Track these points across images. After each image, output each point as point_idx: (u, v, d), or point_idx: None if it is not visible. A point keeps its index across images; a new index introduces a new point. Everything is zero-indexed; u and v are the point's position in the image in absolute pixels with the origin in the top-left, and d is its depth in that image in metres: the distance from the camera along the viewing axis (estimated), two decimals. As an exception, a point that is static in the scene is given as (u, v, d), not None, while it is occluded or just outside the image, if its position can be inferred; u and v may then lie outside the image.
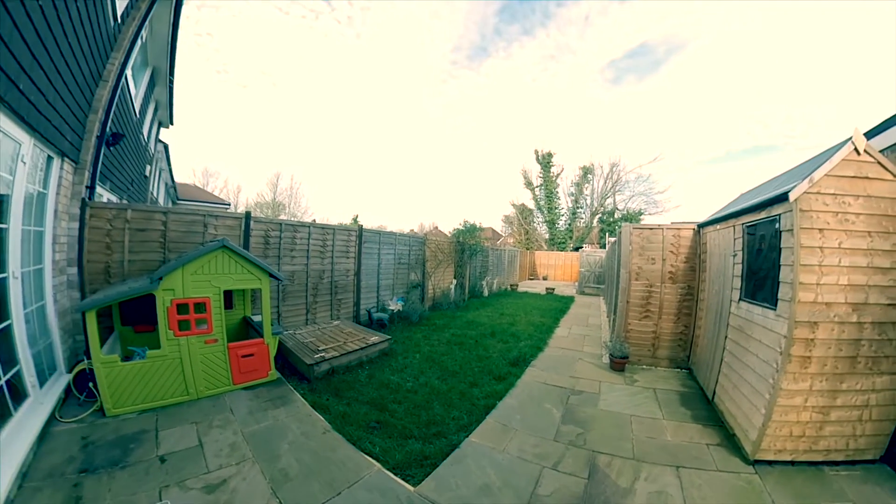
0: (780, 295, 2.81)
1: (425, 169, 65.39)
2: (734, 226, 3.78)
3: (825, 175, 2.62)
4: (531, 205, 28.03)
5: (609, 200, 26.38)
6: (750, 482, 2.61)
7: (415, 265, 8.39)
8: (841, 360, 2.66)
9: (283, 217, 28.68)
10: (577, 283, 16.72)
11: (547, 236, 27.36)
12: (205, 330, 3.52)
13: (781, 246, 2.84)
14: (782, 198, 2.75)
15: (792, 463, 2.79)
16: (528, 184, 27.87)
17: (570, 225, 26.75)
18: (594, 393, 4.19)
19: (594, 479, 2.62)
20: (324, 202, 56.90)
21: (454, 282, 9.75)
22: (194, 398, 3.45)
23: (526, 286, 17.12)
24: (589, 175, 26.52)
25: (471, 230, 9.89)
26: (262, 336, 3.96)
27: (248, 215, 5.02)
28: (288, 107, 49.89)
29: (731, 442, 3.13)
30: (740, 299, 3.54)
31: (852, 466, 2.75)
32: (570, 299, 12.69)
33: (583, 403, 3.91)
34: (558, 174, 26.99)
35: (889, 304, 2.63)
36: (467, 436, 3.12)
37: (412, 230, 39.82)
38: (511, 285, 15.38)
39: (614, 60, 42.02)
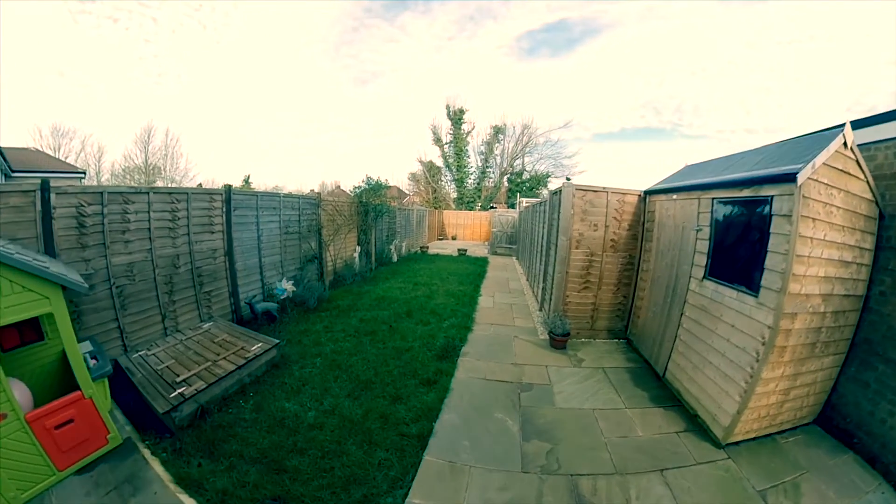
0: (764, 283, 2.79)
1: (328, 124, 60.27)
2: (700, 198, 3.75)
3: (823, 164, 2.56)
4: (440, 162, 28.30)
5: (518, 161, 27.98)
6: (728, 469, 2.76)
7: (308, 234, 6.80)
8: (805, 347, 2.88)
9: (132, 185, 22.52)
10: (487, 243, 17.55)
11: (455, 195, 28.03)
12: (-23, 405, 2.18)
13: (771, 231, 2.77)
14: (783, 178, 2.62)
15: (753, 438, 3.07)
16: (438, 140, 27.83)
17: (478, 184, 27.83)
18: (545, 384, 3.98)
19: (586, 516, 2.31)
20: (209, 163, 49.97)
21: (358, 249, 8.50)
22: (5, 511, 2.24)
23: (437, 248, 17.04)
24: (500, 135, 27.53)
25: (375, 188, 8.64)
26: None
27: (44, 185, 3.27)
28: (168, 48, 38.14)
29: (695, 424, 3.31)
30: (705, 277, 3.59)
31: (794, 431, 3.21)
32: (485, 261, 12.99)
33: (538, 402, 3.62)
34: (469, 132, 27.45)
35: (845, 295, 2.93)
36: (406, 495, 2.39)
37: (312, 191, 36.32)
38: (421, 248, 14.95)
39: (532, 31, 44.59)
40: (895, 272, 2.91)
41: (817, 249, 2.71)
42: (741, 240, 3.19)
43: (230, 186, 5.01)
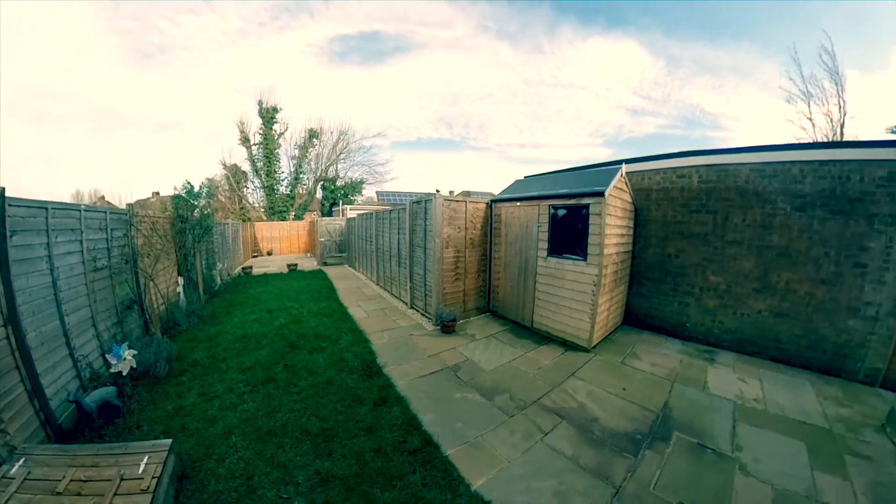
0: (589, 251, 5.09)
1: (86, 107, 42.29)
2: (539, 205, 5.83)
3: (614, 185, 5.08)
4: (246, 166, 24.90)
5: (332, 168, 27.59)
6: (601, 360, 4.97)
7: (124, 266, 4.82)
8: (613, 282, 5.49)
9: None
10: (310, 255, 17.16)
11: (264, 204, 25.09)
12: None
13: (590, 223, 5.06)
14: (597, 194, 4.96)
15: (601, 341, 5.49)
16: (245, 140, 24.33)
17: (291, 191, 25.83)
18: (466, 360, 5.00)
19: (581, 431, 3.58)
20: None
21: (181, 280, 6.60)
22: None
23: (259, 266, 14.81)
24: (315, 139, 26.43)
25: (194, 197, 7.04)
26: None
27: None
28: None
29: (567, 346, 5.39)
30: (548, 255, 5.69)
31: (616, 331, 5.97)
32: (322, 273, 12.53)
33: (474, 373, 4.54)
34: (282, 133, 25.19)
35: (625, 251, 5.87)
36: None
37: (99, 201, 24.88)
38: (244, 269, 12.50)
39: (346, 36, 46.61)
40: (643, 237, 6.14)
41: (613, 230, 5.25)
42: (569, 229, 5.42)
43: (3, 190, 2.95)
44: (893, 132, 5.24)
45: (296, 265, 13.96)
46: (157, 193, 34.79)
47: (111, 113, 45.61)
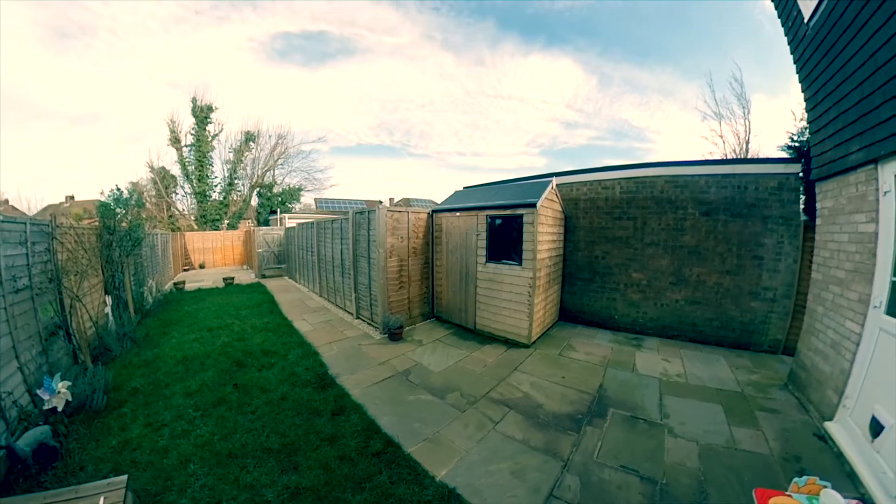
0: (524, 256, 5.65)
1: None
2: (478, 215, 6.32)
3: (545, 197, 5.69)
4: (176, 170, 22.50)
5: (269, 173, 26.04)
6: (540, 353, 5.51)
7: (49, 285, 4.31)
8: (546, 283, 6.10)
9: None
10: (247, 267, 16.41)
11: (196, 212, 22.87)
12: None
13: (524, 231, 5.61)
14: (529, 205, 5.53)
15: (539, 337, 6.05)
16: (175, 140, 21.97)
17: (224, 198, 23.79)
18: (416, 364, 5.19)
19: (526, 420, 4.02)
20: None
21: (109, 300, 5.94)
22: None
23: (192, 281, 13.57)
24: (251, 142, 24.70)
25: (123, 204, 6.52)
26: None
27: None
28: None
29: (509, 344, 5.91)
30: (487, 261, 6.19)
31: (552, 327, 6.58)
32: (261, 286, 11.92)
33: (424, 376, 4.77)
34: (216, 135, 23.09)
35: (557, 255, 6.48)
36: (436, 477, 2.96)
37: None
38: (176, 284, 11.35)
39: (290, 34, 44.29)
40: (573, 241, 6.83)
41: (545, 237, 5.86)
42: (506, 237, 5.95)
43: None
44: (783, 150, 6.57)
45: (232, 278, 13.23)
46: (72, 198, 30.05)
47: (16, 99, 37.78)
